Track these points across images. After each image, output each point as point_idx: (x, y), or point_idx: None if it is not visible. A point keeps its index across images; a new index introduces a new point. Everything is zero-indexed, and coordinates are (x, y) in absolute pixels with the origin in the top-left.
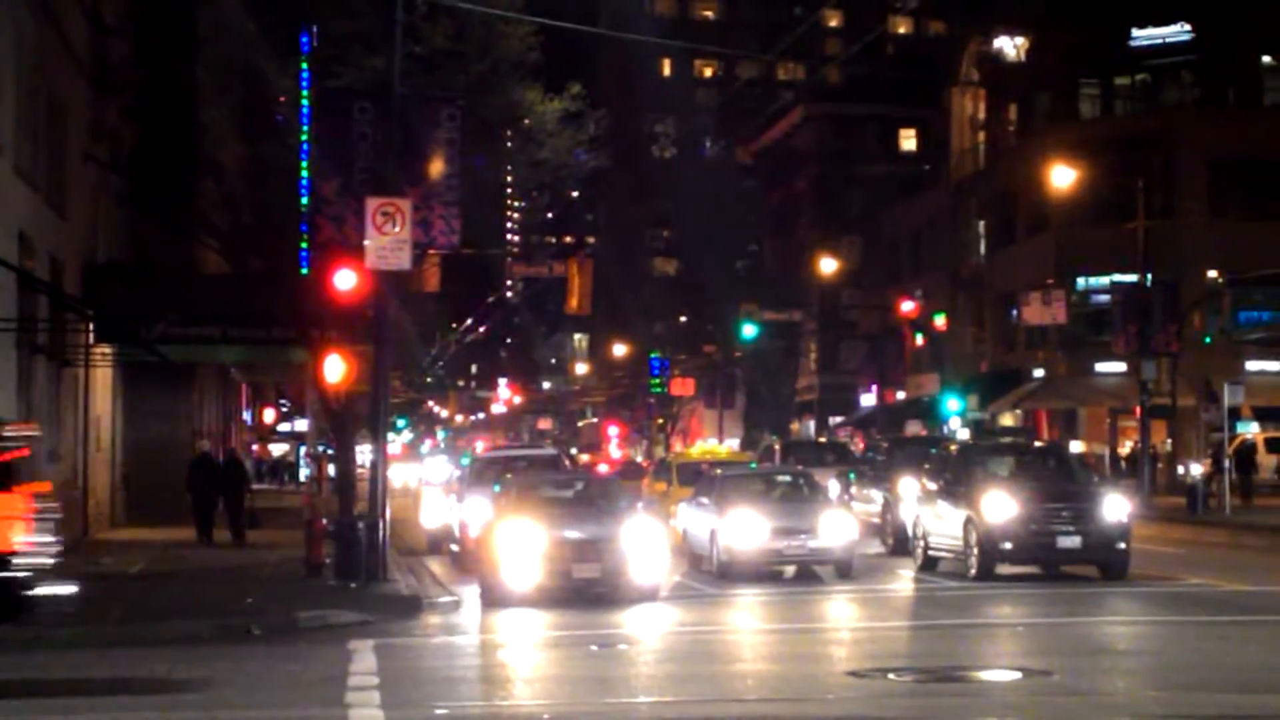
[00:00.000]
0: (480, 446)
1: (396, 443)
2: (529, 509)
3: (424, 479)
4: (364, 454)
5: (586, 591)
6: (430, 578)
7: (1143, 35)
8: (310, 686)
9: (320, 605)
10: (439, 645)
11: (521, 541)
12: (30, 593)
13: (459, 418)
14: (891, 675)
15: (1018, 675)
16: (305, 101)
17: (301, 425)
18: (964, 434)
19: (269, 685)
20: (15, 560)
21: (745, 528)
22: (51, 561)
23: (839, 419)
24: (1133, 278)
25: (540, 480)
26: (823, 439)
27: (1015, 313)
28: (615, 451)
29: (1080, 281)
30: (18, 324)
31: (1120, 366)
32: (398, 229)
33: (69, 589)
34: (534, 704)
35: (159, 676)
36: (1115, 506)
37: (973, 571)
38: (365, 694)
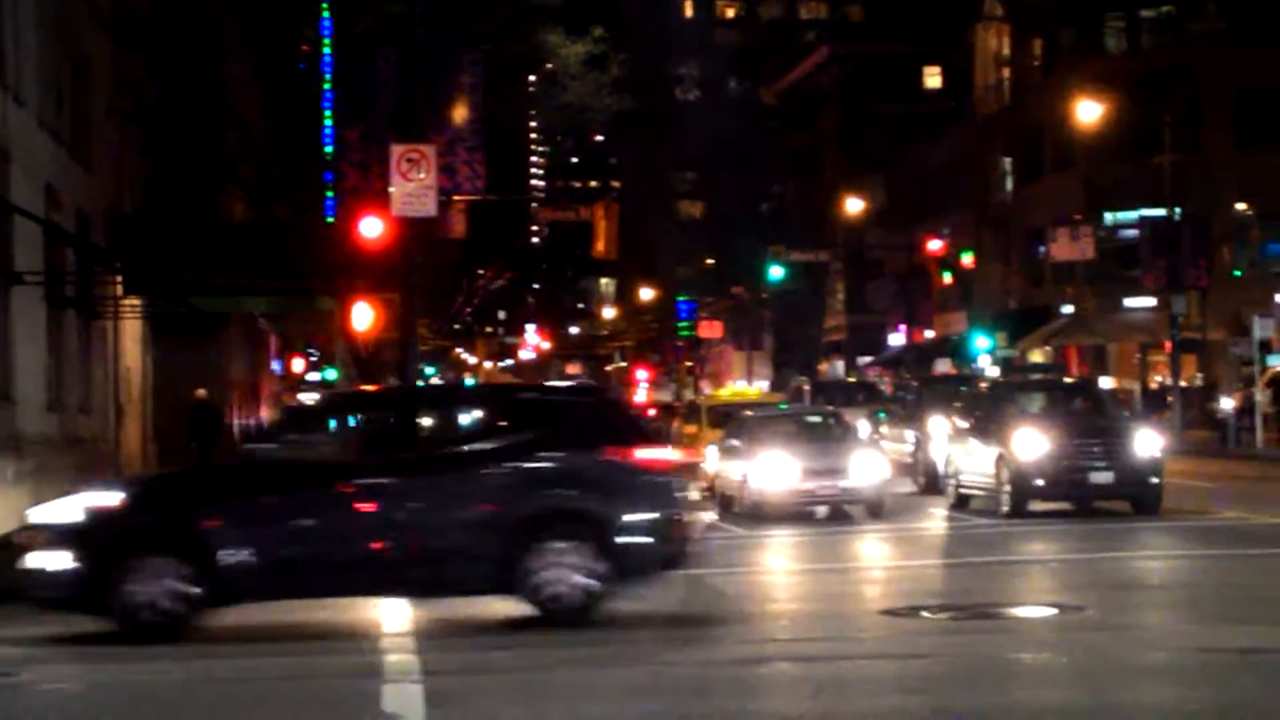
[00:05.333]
0: None
1: None
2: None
3: None
4: None
5: None
6: None
7: None
8: None
9: None
10: None
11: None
12: None
13: (488, 364)
14: (925, 613)
15: (1052, 611)
16: (326, 49)
17: (331, 374)
18: (993, 372)
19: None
20: None
21: (776, 469)
22: None
23: (868, 359)
24: (1161, 212)
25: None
26: (852, 379)
27: (1043, 249)
28: (641, 395)
29: (1108, 216)
30: (46, 277)
31: (1150, 301)
32: (423, 175)
33: None
34: None
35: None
36: (1147, 441)
37: (1005, 509)
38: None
